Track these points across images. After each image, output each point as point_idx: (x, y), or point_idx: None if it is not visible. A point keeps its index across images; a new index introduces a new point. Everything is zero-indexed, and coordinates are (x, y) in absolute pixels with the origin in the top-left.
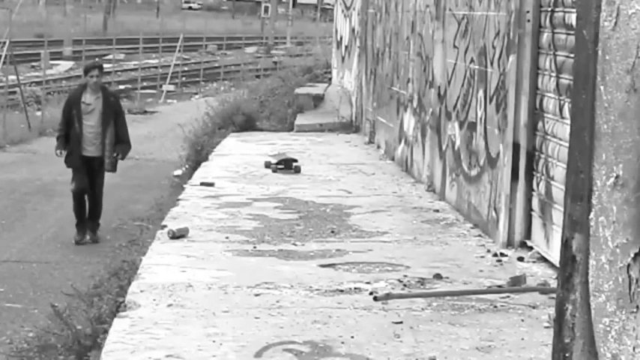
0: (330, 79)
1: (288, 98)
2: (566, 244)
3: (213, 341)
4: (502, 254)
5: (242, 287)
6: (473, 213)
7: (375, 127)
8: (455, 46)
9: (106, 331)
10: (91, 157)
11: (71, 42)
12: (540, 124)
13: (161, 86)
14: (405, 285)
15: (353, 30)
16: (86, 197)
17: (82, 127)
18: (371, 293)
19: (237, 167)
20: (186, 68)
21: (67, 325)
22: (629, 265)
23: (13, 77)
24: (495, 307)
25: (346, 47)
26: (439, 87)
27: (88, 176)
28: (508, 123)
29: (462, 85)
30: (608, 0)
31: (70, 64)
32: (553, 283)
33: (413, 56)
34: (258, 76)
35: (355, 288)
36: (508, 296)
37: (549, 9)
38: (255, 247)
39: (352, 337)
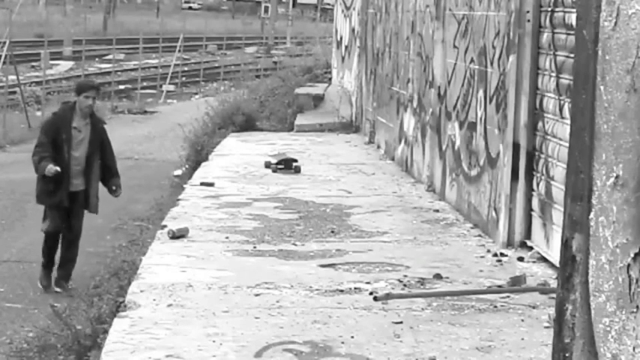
0: (330, 79)
1: (288, 98)
2: (566, 244)
3: (213, 341)
4: (502, 254)
5: (242, 287)
6: (473, 213)
7: (375, 127)
8: (455, 46)
9: (106, 331)
10: (74, 191)
11: (71, 42)
12: (540, 124)
13: (161, 86)
14: (405, 285)
15: (353, 30)
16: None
17: (70, 158)
18: (371, 293)
19: (237, 167)
20: (186, 68)
21: (67, 325)
22: (629, 265)
23: (13, 77)
24: (495, 307)
25: (346, 47)
26: (439, 87)
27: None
28: (508, 123)
29: (462, 85)
30: (608, 0)
31: (70, 64)
32: (553, 283)
33: (413, 56)
34: (258, 76)
35: (355, 288)
36: (508, 296)
37: (549, 9)
38: (255, 247)
39: (352, 337)
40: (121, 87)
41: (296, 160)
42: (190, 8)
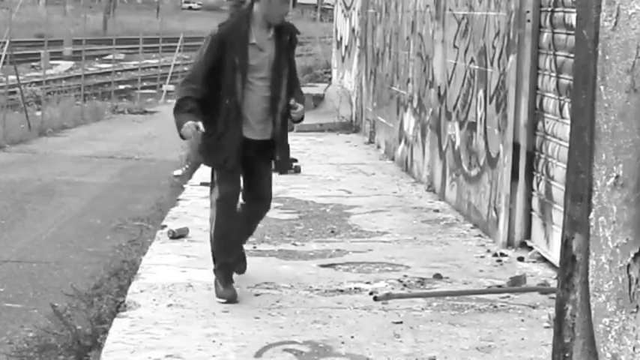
0: (330, 79)
1: None
2: (566, 244)
3: (213, 341)
4: (502, 254)
5: (242, 287)
6: (473, 213)
7: (375, 127)
8: (455, 46)
9: (106, 331)
10: (254, 140)
11: (71, 42)
12: (540, 124)
13: (161, 86)
14: (405, 285)
15: (353, 30)
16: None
17: (245, 92)
18: (371, 293)
19: None
20: (186, 68)
21: (67, 325)
22: (629, 265)
23: (13, 77)
24: (495, 307)
25: (346, 47)
26: (439, 87)
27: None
28: (508, 123)
29: (462, 85)
30: (608, 0)
31: (70, 64)
32: (553, 283)
33: (413, 56)
34: None
35: (355, 288)
36: (508, 296)
37: (549, 9)
38: (255, 247)
39: (352, 337)
40: (121, 87)
41: (296, 160)
42: (190, 8)
